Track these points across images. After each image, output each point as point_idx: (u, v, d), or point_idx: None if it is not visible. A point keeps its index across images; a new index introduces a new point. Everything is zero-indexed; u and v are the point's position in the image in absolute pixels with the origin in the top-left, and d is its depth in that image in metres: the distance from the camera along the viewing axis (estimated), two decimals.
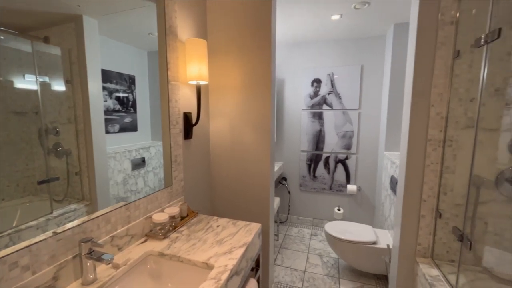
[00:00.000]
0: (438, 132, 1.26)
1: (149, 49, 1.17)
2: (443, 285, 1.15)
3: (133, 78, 1.09)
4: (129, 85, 1.08)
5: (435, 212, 1.31)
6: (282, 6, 1.91)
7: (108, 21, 0.96)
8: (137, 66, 1.12)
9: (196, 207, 1.54)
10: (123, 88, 1.04)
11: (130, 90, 1.08)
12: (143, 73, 1.15)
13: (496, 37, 0.90)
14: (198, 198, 1.56)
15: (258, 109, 1.53)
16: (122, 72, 1.03)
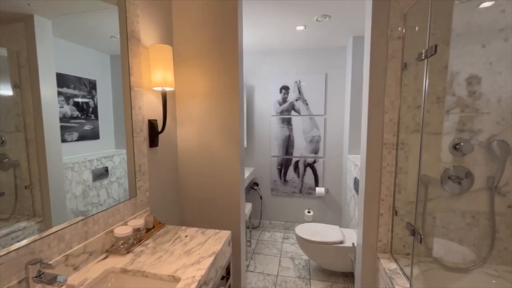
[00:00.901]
0: (392, 136, 1.38)
1: (111, 53, 1.12)
2: (400, 277, 1.25)
3: (94, 83, 1.04)
4: (90, 90, 1.02)
5: (392, 210, 1.42)
6: (249, 15, 1.95)
7: (65, 22, 0.91)
8: (99, 70, 1.06)
9: (164, 218, 1.49)
10: (82, 93, 0.98)
11: (90, 96, 1.02)
12: (106, 77, 1.10)
13: (434, 53, 1.03)
14: (166, 208, 1.51)
15: (227, 115, 1.54)
16: (81, 76, 0.97)
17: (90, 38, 1.02)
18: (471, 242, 1.39)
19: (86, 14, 1.01)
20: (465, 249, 1.42)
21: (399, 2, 1.31)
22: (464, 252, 1.41)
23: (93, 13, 1.05)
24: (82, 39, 0.98)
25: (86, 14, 1.01)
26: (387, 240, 1.46)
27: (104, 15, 1.09)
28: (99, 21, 1.07)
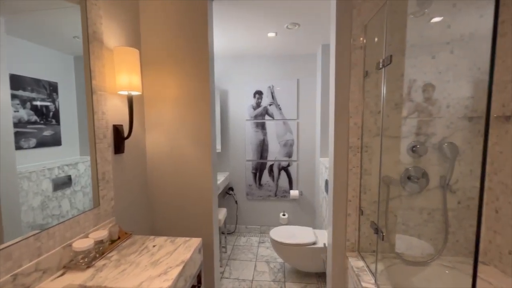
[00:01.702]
0: (357, 140, 1.46)
1: (75, 54, 1.06)
2: (367, 274, 1.31)
3: (55, 85, 0.97)
4: (50, 93, 0.95)
5: (358, 210, 1.49)
6: (221, 20, 1.96)
7: (21, 20, 0.84)
8: (61, 72, 1.00)
9: (132, 228, 1.42)
10: (41, 96, 0.91)
11: (51, 99, 0.95)
12: (69, 80, 1.03)
13: (389, 62, 1.11)
14: (133, 217, 1.44)
15: (198, 120, 1.52)
16: (40, 78, 0.91)
17: (50, 38, 0.96)
18: (428, 236, 1.50)
19: (46, 12, 0.95)
20: (424, 244, 1.53)
21: (360, 14, 1.40)
22: (423, 246, 1.52)
23: (53, 11, 0.98)
24: (41, 39, 0.91)
25: (45, 12, 0.94)
26: (354, 239, 1.53)
27: (66, 14, 1.03)
28: (60, 20, 1.01)
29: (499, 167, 1.31)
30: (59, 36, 1.00)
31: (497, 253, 1.33)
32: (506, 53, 1.26)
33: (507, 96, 1.26)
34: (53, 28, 0.98)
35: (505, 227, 1.28)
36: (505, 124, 1.26)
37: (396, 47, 1.34)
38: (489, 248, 1.39)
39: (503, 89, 1.28)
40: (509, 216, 1.25)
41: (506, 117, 1.25)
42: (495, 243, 1.34)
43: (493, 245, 1.35)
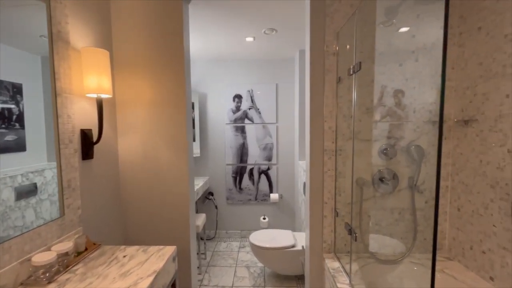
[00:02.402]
0: (331, 143, 1.50)
1: (43, 54, 1.00)
2: (342, 275, 1.34)
3: (19, 87, 0.90)
4: (13, 95, 0.88)
5: (334, 211, 1.52)
6: (199, 23, 1.94)
7: None
8: (26, 73, 0.93)
9: (101, 238, 1.34)
10: (3, 98, 0.84)
11: (14, 101, 0.88)
12: (35, 81, 0.97)
13: (359, 69, 1.16)
14: (104, 227, 1.37)
15: (174, 124, 1.48)
16: (2, 79, 0.84)
17: (13, 36, 0.89)
18: (399, 235, 1.57)
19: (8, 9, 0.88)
20: (395, 242, 1.59)
21: (333, 22, 1.45)
22: (395, 245, 1.58)
23: (16, 8, 0.92)
24: (3, 37, 0.85)
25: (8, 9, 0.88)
26: (331, 240, 1.56)
27: (31, 11, 0.97)
28: (25, 18, 0.94)
29: (460, 167, 1.40)
30: (24, 35, 0.94)
31: (460, 249, 1.41)
32: (465, 61, 1.36)
33: (465, 102, 1.35)
34: (17, 25, 0.92)
35: (466, 224, 1.37)
36: (464, 127, 1.36)
37: (366, 55, 1.40)
38: (453, 244, 1.47)
39: (462, 95, 1.38)
40: (469, 213, 1.34)
41: (465, 121, 1.34)
42: (458, 240, 1.43)
43: (457, 242, 1.44)
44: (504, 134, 1.12)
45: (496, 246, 1.17)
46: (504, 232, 1.13)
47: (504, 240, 1.13)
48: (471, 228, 1.33)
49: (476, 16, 1.27)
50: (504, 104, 1.12)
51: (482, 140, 1.24)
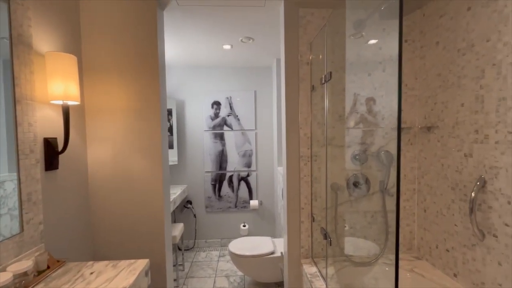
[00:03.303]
0: (307, 150, 1.53)
1: (5, 57, 0.94)
2: (319, 280, 1.36)
3: None
4: None
5: (310, 217, 1.55)
6: (176, 29, 1.92)
7: None
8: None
9: (68, 254, 1.25)
10: None
11: None
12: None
13: (329, 78, 1.21)
14: (70, 242, 1.28)
15: (148, 132, 1.44)
16: None
17: None
18: (372, 237, 1.63)
19: None
20: (370, 244, 1.65)
21: (306, 33, 1.50)
22: (369, 247, 1.64)
23: None
24: None
25: None
26: (308, 245, 1.58)
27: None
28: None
29: (425, 171, 1.50)
30: None
31: (428, 248, 1.49)
32: (426, 72, 1.47)
33: (428, 110, 1.46)
34: None
35: (432, 224, 1.45)
36: (427, 134, 1.46)
37: (338, 64, 1.46)
38: (421, 244, 1.56)
39: (424, 103, 1.48)
40: (434, 214, 1.43)
41: (428, 128, 1.44)
42: (425, 239, 1.51)
43: (424, 241, 1.52)
44: (461, 139, 1.22)
45: (458, 244, 1.26)
46: (464, 230, 1.22)
47: (464, 238, 1.21)
48: (436, 228, 1.41)
49: (433, 32, 1.39)
50: (460, 112, 1.22)
51: (443, 145, 1.34)
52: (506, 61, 0.99)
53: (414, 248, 1.62)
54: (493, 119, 1.05)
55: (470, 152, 1.17)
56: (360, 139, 1.61)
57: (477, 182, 1.11)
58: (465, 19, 1.18)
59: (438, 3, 1.35)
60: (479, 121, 1.12)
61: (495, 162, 1.05)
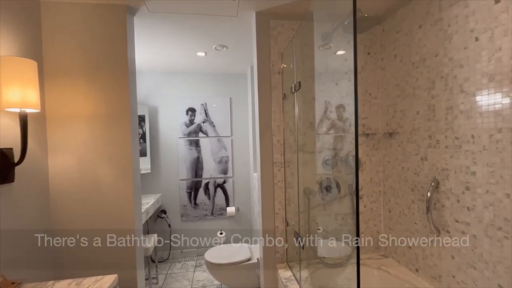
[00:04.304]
0: (280, 156, 1.58)
1: None
2: (293, 283, 1.39)
3: None
4: None
5: (284, 221, 1.58)
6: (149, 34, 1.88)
7: None
8: None
9: (26, 275, 1.15)
10: None
11: None
12: None
13: (299, 88, 1.27)
14: (28, 261, 1.18)
15: (117, 140, 1.39)
16: None
17: None
18: (343, 239, 1.70)
19: None
20: (341, 246, 1.72)
21: (277, 43, 1.56)
22: (340, 249, 1.71)
23: None
24: None
25: None
26: (283, 250, 1.60)
27: None
28: None
29: (388, 174, 1.61)
30: None
31: (393, 246, 1.59)
32: (386, 83, 1.59)
33: (389, 117, 1.57)
34: None
35: (396, 224, 1.55)
36: (389, 139, 1.57)
37: (307, 74, 1.53)
38: (387, 243, 1.65)
39: (386, 111, 1.60)
40: (398, 214, 1.53)
41: (390, 134, 1.56)
42: (391, 238, 1.61)
43: (390, 240, 1.62)
44: (418, 144, 1.33)
45: (418, 241, 1.36)
46: (423, 228, 1.32)
47: (423, 235, 1.32)
48: (400, 227, 1.51)
49: (392, 46, 1.51)
50: (416, 119, 1.34)
51: (403, 149, 1.45)
52: (452, 75, 1.12)
53: (381, 247, 1.71)
54: (442, 126, 1.17)
55: (425, 156, 1.28)
56: (330, 144, 1.69)
57: (432, 183, 1.21)
58: (417, 35, 1.31)
59: (395, 20, 1.48)
60: (432, 127, 1.23)
61: (446, 165, 1.16)
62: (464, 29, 1.05)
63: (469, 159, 1.04)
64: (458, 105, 1.08)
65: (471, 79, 1.02)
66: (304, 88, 1.34)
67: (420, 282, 1.33)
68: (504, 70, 0.90)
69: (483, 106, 0.98)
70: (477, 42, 1.00)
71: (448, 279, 1.18)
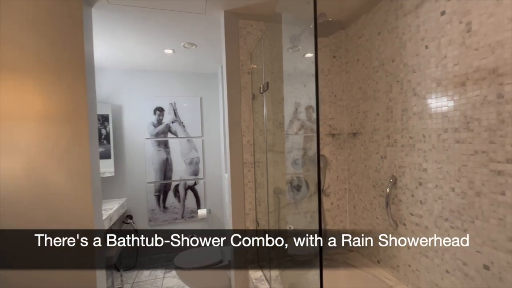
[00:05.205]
0: (250, 156, 1.57)
1: None
2: (264, 283, 1.39)
3: None
4: None
5: (255, 222, 1.58)
6: (107, 28, 1.76)
7: None
8: None
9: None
10: None
11: None
12: None
13: (267, 88, 1.28)
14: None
15: (72, 141, 1.27)
16: None
17: None
18: (312, 236, 1.75)
19: None
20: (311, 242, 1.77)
21: (246, 43, 1.56)
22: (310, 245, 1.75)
23: None
24: None
25: None
26: (254, 251, 1.60)
27: None
28: None
29: (353, 172, 1.69)
30: None
31: (358, 241, 1.68)
32: (350, 85, 1.67)
33: (353, 118, 1.66)
34: None
35: (360, 219, 1.64)
36: (353, 139, 1.65)
37: (276, 75, 1.55)
38: (352, 237, 1.74)
39: (350, 112, 1.68)
40: (361, 210, 1.62)
41: (354, 134, 1.64)
42: (355, 233, 1.70)
43: (354, 235, 1.71)
44: (378, 144, 1.42)
45: (379, 234, 1.44)
46: (383, 222, 1.41)
47: (383, 229, 1.41)
48: (363, 222, 1.60)
49: (355, 50, 1.60)
50: (376, 120, 1.43)
51: (365, 149, 1.54)
52: (406, 79, 1.21)
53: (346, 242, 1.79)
54: (399, 126, 1.26)
55: (385, 155, 1.37)
56: (299, 144, 1.73)
57: (391, 179, 1.30)
58: (377, 41, 1.39)
59: (357, 26, 1.57)
60: (390, 128, 1.32)
61: (402, 162, 1.25)
62: (416, 38, 1.14)
63: (421, 157, 1.13)
64: (412, 107, 1.18)
65: (422, 84, 1.12)
66: (273, 89, 1.35)
67: (381, 272, 1.42)
68: (449, 76, 0.99)
69: (432, 108, 1.07)
70: (427, 49, 1.09)
71: (405, 268, 1.27)
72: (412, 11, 1.16)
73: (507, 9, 0.80)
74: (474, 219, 0.92)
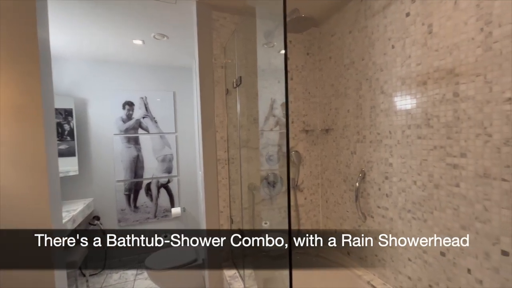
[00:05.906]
0: (224, 153, 1.54)
1: None
2: (238, 280, 1.38)
3: None
4: None
5: (229, 219, 1.56)
6: (73, 16, 1.61)
7: None
8: None
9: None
10: None
11: None
12: None
13: (240, 83, 1.26)
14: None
15: (25, 137, 1.15)
16: None
17: None
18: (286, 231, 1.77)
19: None
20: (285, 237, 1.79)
21: (220, 37, 1.52)
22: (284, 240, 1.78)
23: None
24: None
25: None
26: (228, 248, 1.58)
27: None
28: None
29: (325, 167, 1.73)
30: None
31: (329, 234, 1.73)
32: (323, 82, 1.70)
33: (325, 115, 1.69)
34: None
35: (331, 213, 1.69)
36: (326, 135, 1.69)
37: (250, 70, 1.53)
38: (324, 232, 1.79)
39: (323, 109, 1.72)
40: (333, 204, 1.67)
41: (326, 130, 1.68)
42: (328, 226, 1.75)
43: (327, 228, 1.76)
44: (349, 139, 1.47)
45: (349, 226, 1.50)
46: (353, 215, 1.46)
47: (353, 222, 1.46)
48: (335, 215, 1.65)
49: (327, 48, 1.63)
50: (347, 117, 1.47)
51: (337, 144, 1.58)
52: (374, 77, 1.25)
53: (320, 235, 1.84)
54: (368, 123, 1.31)
55: (354, 150, 1.42)
56: (274, 140, 1.73)
57: (360, 174, 1.35)
58: (348, 40, 1.43)
59: (329, 25, 1.60)
60: (359, 124, 1.37)
61: (370, 157, 1.30)
62: (384, 37, 1.19)
63: (388, 152, 1.19)
64: (379, 104, 1.22)
65: (389, 82, 1.17)
66: (247, 84, 1.33)
67: (350, 262, 1.48)
68: (412, 75, 1.05)
69: (398, 105, 1.12)
70: (393, 49, 1.13)
71: (372, 258, 1.34)
72: (380, 11, 1.20)
73: (463, 13, 0.86)
74: (433, 209, 0.99)
